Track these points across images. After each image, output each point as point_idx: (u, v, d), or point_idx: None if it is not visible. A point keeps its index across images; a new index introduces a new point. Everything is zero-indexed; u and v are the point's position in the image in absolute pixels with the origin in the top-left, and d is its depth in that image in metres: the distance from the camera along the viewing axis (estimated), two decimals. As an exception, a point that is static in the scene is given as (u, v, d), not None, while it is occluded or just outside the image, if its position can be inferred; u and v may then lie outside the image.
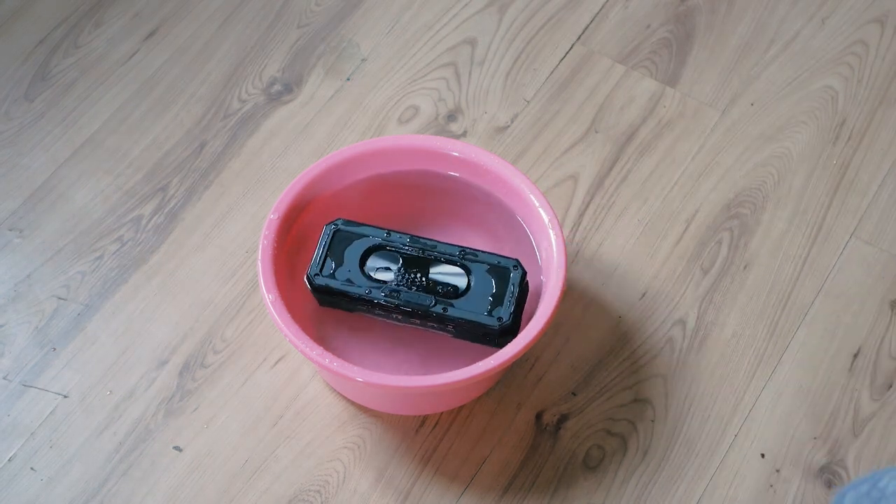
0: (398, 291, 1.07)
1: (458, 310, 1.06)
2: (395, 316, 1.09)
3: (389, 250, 1.09)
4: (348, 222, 1.10)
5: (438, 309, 1.06)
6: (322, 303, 1.10)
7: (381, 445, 1.10)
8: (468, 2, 1.37)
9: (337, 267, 1.08)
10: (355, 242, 1.09)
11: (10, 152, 1.26)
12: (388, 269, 1.08)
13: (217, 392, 1.13)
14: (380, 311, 1.09)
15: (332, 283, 1.08)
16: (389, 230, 1.10)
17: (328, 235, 1.09)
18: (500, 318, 1.06)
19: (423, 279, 1.08)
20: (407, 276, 1.08)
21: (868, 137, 1.28)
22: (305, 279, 1.09)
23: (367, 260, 1.09)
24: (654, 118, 1.29)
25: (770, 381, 1.14)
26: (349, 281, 1.08)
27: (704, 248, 1.21)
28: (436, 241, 1.10)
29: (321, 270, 1.08)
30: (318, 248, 1.09)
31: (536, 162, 1.26)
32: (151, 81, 1.31)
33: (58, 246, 1.20)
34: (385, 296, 1.07)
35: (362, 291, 1.07)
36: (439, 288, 1.08)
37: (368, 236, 1.10)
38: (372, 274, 1.08)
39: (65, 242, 1.20)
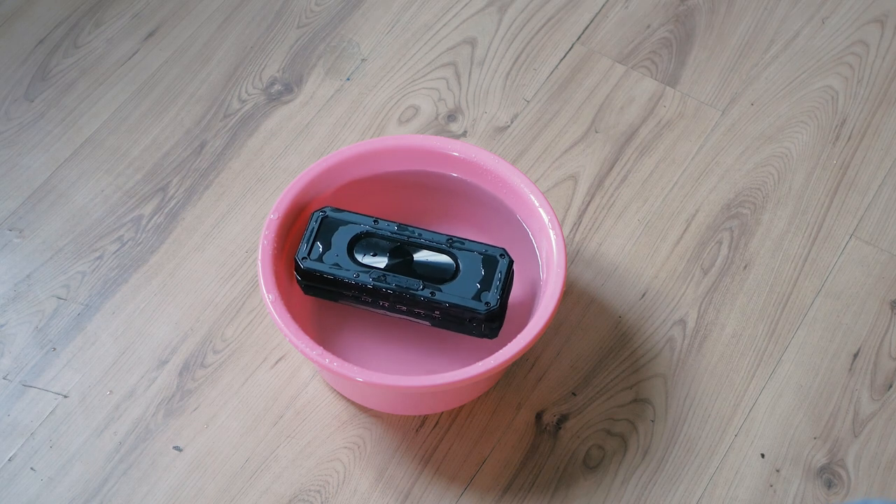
0: (386, 276, 1.07)
1: (446, 294, 1.06)
2: (381, 303, 1.08)
3: (377, 237, 1.09)
4: (336, 210, 1.10)
5: (426, 293, 1.06)
6: (307, 290, 1.10)
7: (381, 445, 1.10)
8: (468, 2, 1.37)
9: (325, 252, 1.08)
10: (343, 229, 1.09)
11: (10, 152, 1.26)
12: (375, 255, 1.08)
13: (217, 392, 1.13)
14: (366, 298, 1.08)
15: (320, 267, 1.07)
16: (377, 218, 1.10)
17: (316, 222, 1.09)
18: (487, 303, 1.06)
19: (411, 265, 1.08)
20: (395, 261, 1.08)
21: (868, 137, 1.28)
22: (294, 267, 1.09)
23: (355, 246, 1.09)
24: (654, 118, 1.29)
25: (770, 381, 1.14)
26: (337, 265, 1.08)
27: (704, 248, 1.21)
28: (423, 229, 1.10)
29: (309, 255, 1.08)
30: (306, 234, 1.09)
31: (536, 162, 1.26)
32: (151, 81, 1.31)
33: (58, 246, 1.20)
34: (373, 280, 1.07)
35: (350, 276, 1.07)
36: (427, 274, 1.08)
37: (356, 223, 1.10)
38: (360, 259, 1.08)
39: (65, 242, 1.20)
